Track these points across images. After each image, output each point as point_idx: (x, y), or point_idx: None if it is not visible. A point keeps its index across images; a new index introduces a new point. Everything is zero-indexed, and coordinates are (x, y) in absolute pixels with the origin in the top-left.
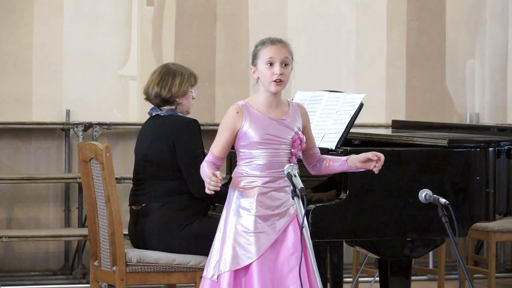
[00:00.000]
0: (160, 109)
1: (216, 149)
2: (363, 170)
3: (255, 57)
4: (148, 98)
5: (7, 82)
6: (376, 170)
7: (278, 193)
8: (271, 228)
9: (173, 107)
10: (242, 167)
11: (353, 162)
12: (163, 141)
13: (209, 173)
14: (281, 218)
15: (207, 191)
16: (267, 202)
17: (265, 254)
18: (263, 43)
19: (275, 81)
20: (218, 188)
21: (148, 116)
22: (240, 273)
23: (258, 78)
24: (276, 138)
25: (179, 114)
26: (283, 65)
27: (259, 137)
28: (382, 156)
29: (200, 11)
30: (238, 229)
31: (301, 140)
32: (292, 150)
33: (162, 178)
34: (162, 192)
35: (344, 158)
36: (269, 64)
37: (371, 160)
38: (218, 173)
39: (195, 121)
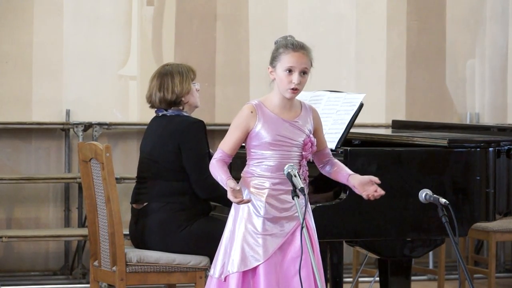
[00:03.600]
0: (166, 110)
1: (227, 147)
2: (356, 191)
3: (275, 58)
4: (153, 106)
5: (7, 82)
6: (369, 197)
7: (287, 196)
8: (279, 230)
9: (181, 107)
10: (252, 167)
11: (354, 180)
12: (168, 141)
13: (229, 188)
14: (290, 221)
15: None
16: (276, 204)
17: (273, 256)
18: (285, 46)
19: (291, 89)
20: (244, 201)
21: (154, 115)
22: (247, 274)
23: (275, 79)
24: (288, 140)
25: (185, 114)
26: (302, 73)
27: (271, 138)
28: (380, 192)
29: (200, 11)
30: (248, 228)
31: (312, 143)
32: (303, 153)
33: (165, 178)
34: (165, 192)
35: (349, 173)
36: (288, 71)
37: (371, 184)
38: (238, 186)
39: (201, 121)
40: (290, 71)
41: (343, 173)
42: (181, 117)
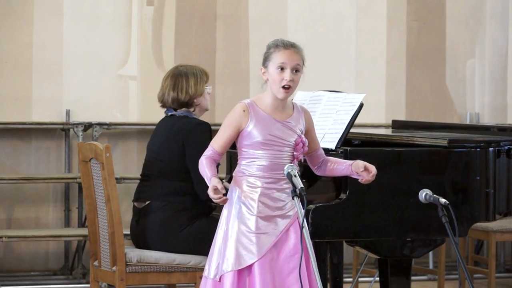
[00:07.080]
0: (176, 110)
1: (218, 144)
2: (359, 178)
3: (266, 59)
4: (164, 105)
5: (7, 82)
6: (363, 181)
7: (280, 194)
8: (273, 229)
9: (192, 109)
10: (243, 167)
11: (356, 167)
12: (174, 141)
13: (212, 185)
14: (283, 219)
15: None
16: (268, 203)
17: (267, 254)
18: (276, 45)
19: (283, 87)
20: (222, 200)
21: (164, 116)
22: (242, 273)
23: (268, 79)
24: (280, 140)
25: (193, 116)
26: (294, 71)
27: (263, 138)
28: (374, 171)
29: (200, 11)
30: (241, 228)
31: (303, 144)
32: (294, 153)
33: (168, 177)
34: (166, 191)
35: (349, 162)
36: (280, 69)
37: (368, 170)
38: (219, 185)
39: (206, 123)
40: (282, 68)
41: (343, 166)
42: (188, 118)
